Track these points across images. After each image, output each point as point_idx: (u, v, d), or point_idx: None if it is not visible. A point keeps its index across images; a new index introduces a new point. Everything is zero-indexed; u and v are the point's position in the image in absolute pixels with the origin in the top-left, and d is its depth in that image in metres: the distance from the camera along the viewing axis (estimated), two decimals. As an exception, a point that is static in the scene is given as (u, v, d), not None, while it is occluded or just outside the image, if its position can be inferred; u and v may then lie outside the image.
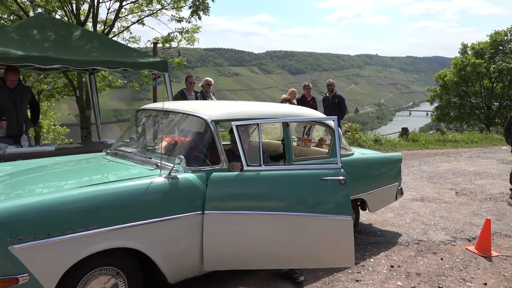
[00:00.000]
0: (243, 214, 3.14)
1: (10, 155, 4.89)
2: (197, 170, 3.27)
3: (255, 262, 3.31)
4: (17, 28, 6.49)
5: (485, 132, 19.37)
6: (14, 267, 2.41)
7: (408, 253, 4.53)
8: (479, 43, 29.15)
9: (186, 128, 3.84)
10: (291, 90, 9.42)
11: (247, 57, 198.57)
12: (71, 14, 12.12)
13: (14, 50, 5.50)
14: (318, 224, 3.22)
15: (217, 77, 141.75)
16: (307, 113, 4.46)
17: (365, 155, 5.09)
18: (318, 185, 3.25)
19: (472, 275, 4.04)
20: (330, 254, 3.35)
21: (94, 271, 2.77)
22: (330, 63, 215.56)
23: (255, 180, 3.24)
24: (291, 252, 3.29)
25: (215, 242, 3.14)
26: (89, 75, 8.12)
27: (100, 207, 2.74)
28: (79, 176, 3.42)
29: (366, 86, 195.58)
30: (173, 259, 3.07)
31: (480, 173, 9.27)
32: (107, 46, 6.96)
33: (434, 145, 14.25)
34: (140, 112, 4.27)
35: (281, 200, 3.25)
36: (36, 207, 2.55)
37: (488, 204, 6.66)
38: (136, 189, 2.94)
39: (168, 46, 13.61)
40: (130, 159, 3.64)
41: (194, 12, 12.11)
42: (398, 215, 5.88)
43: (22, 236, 2.41)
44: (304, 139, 4.69)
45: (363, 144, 12.64)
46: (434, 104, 32.23)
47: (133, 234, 2.84)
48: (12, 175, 3.47)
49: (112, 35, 13.18)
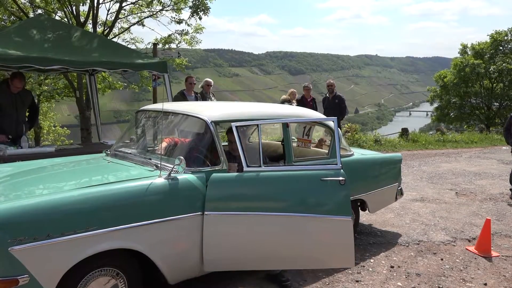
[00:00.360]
0: (243, 215, 3.14)
1: (10, 156, 4.90)
2: (197, 171, 3.27)
3: (255, 262, 3.31)
4: (17, 29, 6.50)
5: (485, 133, 19.37)
6: (14, 268, 2.41)
7: (408, 254, 4.53)
8: (479, 43, 29.15)
9: (186, 129, 3.85)
10: (291, 90, 9.43)
11: (247, 58, 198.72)
12: (71, 15, 12.13)
13: (13, 51, 5.51)
14: (318, 224, 3.22)
15: (217, 77, 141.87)
16: (307, 113, 4.46)
17: (365, 155, 5.10)
18: (318, 185, 3.25)
19: (472, 276, 4.04)
20: (330, 255, 3.35)
21: (94, 272, 2.77)
22: (330, 63, 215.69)
23: (255, 181, 3.24)
24: (291, 253, 3.29)
25: (215, 242, 3.14)
26: (89, 76, 8.12)
27: (100, 208, 2.74)
28: (79, 177, 3.42)
29: (366, 87, 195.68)
30: (173, 260, 3.07)
31: (480, 174, 9.27)
32: (107, 47, 6.97)
33: (434, 145, 14.25)
34: (140, 113, 4.28)
35: (281, 201, 3.25)
36: (36, 208, 2.55)
37: (488, 205, 6.66)
38: (136, 190, 2.94)
39: (168, 47, 13.64)
40: (130, 160, 3.64)
41: (194, 12, 12.13)
42: (398, 216, 5.88)
43: (22, 237, 2.41)
44: (304, 140, 4.69)
45: (363, 145, 12.64)
46: (434, 105, 32.23)
47: (133, 235, 2.84)
48: (12, 176, 3.47)
49: (112, 36, 13.19)
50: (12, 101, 5.67)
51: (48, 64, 5.81)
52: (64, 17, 12.41)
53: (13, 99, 5.67)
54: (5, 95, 5.63)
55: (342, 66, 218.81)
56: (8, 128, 5.64)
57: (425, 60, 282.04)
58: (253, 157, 3.36)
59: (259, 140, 3.38)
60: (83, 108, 11.57)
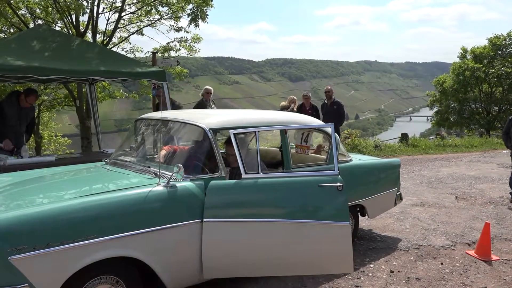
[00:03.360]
0: (241, 222, 3.16)
1: (11, 166, 4.92)
2: (196, 179, 3.29)
3: (253, 269, 3.32)
4: (17, 39, 6.55)
5: (485, 137, 19.37)
6: (14, 277, 2.42)
7: (408, 258, 4.53)
8: (479, 47, 29.20)
9: (184, 136, 3.88)
10: (290, 97, 9.46)
11: (247, 65, 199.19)
12: (70, 25, 12.21)
13: (13, 61, 5.55)
14: (316, 230, 3.24)
15: (217, 85, 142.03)
16: (304, 120, 4.49)
17: (363, 161, 5.12)
18: (316, 191, 3.27)
19: (472, 279, 4.04)
20: (329, 261, 3.36)
21: (94, 280, 2.79)
22: (330, 70, 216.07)
23: (253, 188, 3.26)
24: (290, 259, 3.30)
25: (214, 249, 3.15)
26: (89, 86, 8.16)
27: (99, 217, 2.76)
28: (79, 186, 3.44)
29: (366, 92, 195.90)
30: (173, 268, 3.08)
31: (480, 178, 9.27)
32: (106, 57, 7.01)
33: (434, 150, 14.26)
34: (139, 122, 4.31)
35: (279, 207, 3.27)
36: (36, 217, 2.57)
37: (488, 208, 6.66)
38: (135, 198, 2.97)
39: (167, 56, 13.70)
40: (129, 168, 3.67)
41: (193, 20, 12.20)
42: (398, 221, 5.89)
43: (22, 247, 2.43)
44: (302, 146, 4.72)
45: (363, 150, 12.65)
46: (434, 109, 32.25)
47: (133, 243, 2.86)
48: (12, 186, 3.50)
49: (111, 45, 13.26)
50: (18, 114, 5.86)
51: (48, 74, 5.85)
52: (64, 27, 12.48)
53: (19, 112, 5.85)
54: (13, 108, 5.79)
55: (342, 72, 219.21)
56: (9, 137, 5.72)
57: (424, 65, 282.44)
58: (251, 164, 3.39)
59: (257, 147, 3.40)
60: (83, 117, 11.61)
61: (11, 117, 5.75)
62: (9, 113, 5.74)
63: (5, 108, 5.77)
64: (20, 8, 11.93)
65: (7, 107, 5.79)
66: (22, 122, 5.95)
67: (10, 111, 5.75)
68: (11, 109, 5.76)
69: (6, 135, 5.68)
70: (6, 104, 5.85)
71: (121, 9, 12.55)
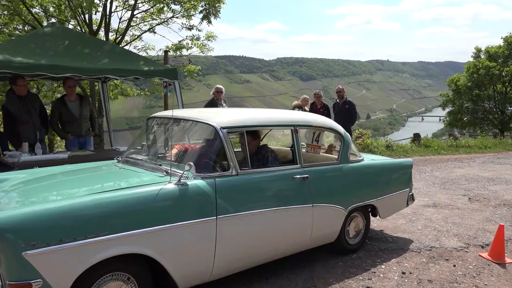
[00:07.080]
0: (251, 214, 3.40)
1: (25, 163, 4.98)
2: (207, 177, 3.30)
3: (264, 256, 3.68)
4: (31, 37, 6.63)
5: (499, 138, 19.10)
6: (27, 272, 2.45)
7: (420, 260, 4.49)
8: (493, 47, 28.80)
9: (195, 135, 3.89)
10: (303, 97, 9.44)
11: (258, 64, 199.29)
12: (83, 23, 12.33)
13: (27, 59, 5.62)
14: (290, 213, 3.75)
15: (228, 84, 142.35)
16: (316, 119, 4.47)
17: (375, 161, 5.07)
18: (290, 182, 3.79)
19: (485, 282, 3.99)
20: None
21: (105, 277, 2.80)
22: (341, 69, 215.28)
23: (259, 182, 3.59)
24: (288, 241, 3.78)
25: (226, 246, 3.22)
26: (101, 84, 8.23)
27: (111, 214, 2.78)
28: (91, 183, 3.47)
29: (378, 92, 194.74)
30: (184, 265, 3.10)
31: (494, 179, 9.14)
32: (118, 55, 7.06)
33: (446, 150, 14.10)
34: (150, 120, 4.32)
35: (272, 198, 3.65)
36: (49, 214, 2.59)
37: (502, 210, 6.57)
38: (146, 196, 2.98)
39: (179, 54, 13.76)
40: (141, 166, 3.68)
41: (205, 17, 12.23)
42: (410, 221, 5.83)
43: (35, 242, 2.46)
44: (313, 146, 4.69)
45: (374, 150, 12.56)
46: (447, 109, 31.89)
47: (144, 240, 2.87)
48: (26, 183, 3.54)
49: (124, 43, 13.36)
50: (23, 107, 5.80)
51: (61, 71, 5.92)
52: (77, 26, 12.61)
53: (23, 104, 5.80)
54: (14, 101, 5.78)
55: (353, 71, 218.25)
56: (28, 135, 5.75)
57: (437, 64, 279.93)
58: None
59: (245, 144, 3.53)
60: (96, 115, 11.71)
61: (19, 114, 5.76)
62: (16, 111, 5.74)
63: (10, 108, 5.78)
64: (34, 6, 12.08)
65: (10, 105, 5.79)
66: (32, 114, 5.90)
67: (15, 108, 5.74)
68: (14, 105, 5.76)
69: (23, 136, 5.71)
70: (8, 103, 5.85)
71: (134, 7, 12.63)
